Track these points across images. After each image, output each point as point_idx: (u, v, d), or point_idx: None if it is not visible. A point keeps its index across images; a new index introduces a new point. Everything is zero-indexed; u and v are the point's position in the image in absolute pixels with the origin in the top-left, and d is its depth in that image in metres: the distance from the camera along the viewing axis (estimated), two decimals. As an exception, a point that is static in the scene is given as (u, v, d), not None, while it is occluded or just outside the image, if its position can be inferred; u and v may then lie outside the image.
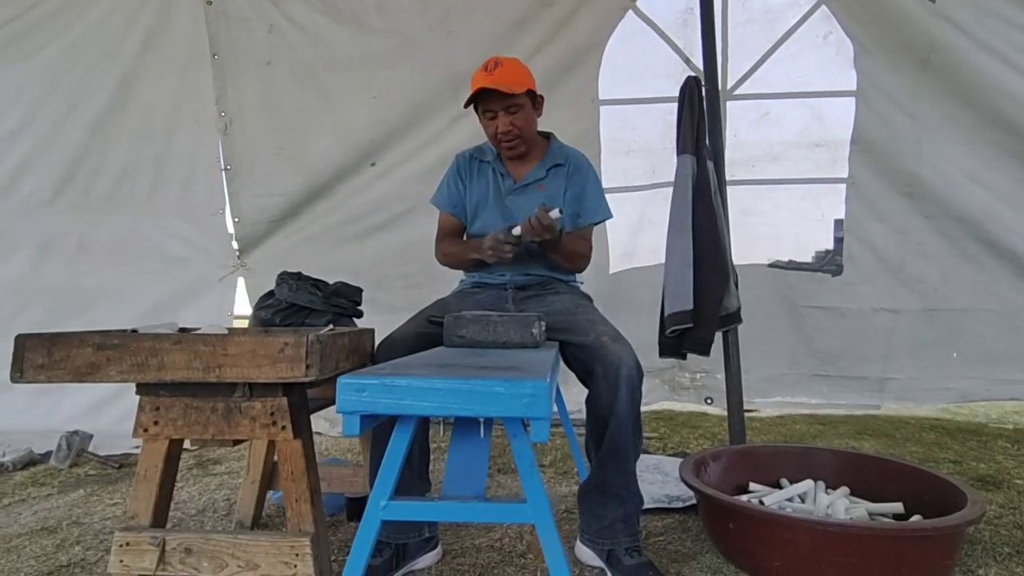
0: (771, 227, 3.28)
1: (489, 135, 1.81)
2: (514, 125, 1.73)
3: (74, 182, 3.20)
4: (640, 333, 2.33)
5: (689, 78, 2.31)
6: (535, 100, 1.79)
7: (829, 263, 3.18)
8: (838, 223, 3.18)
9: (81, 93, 3.16)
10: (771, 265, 3.24)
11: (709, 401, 3.26)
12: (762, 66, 3.17)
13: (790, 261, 3.23)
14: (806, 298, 3.24)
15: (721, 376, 2.60)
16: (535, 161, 1.85)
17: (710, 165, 2.23)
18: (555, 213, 1.61)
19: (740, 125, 3.24)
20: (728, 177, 3.27)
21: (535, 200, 1.74)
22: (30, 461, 2.50)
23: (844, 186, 3.14)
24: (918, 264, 3.13)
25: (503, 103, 1.71)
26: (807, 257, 3.26)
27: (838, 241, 3.18)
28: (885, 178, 3.11)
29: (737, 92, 3.20)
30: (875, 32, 2.99)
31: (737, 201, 3.29)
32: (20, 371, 1.13)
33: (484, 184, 1.86)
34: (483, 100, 1.73)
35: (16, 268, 3.20)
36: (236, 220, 3.18)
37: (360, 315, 1.74)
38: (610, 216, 1.89)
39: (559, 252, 1.75)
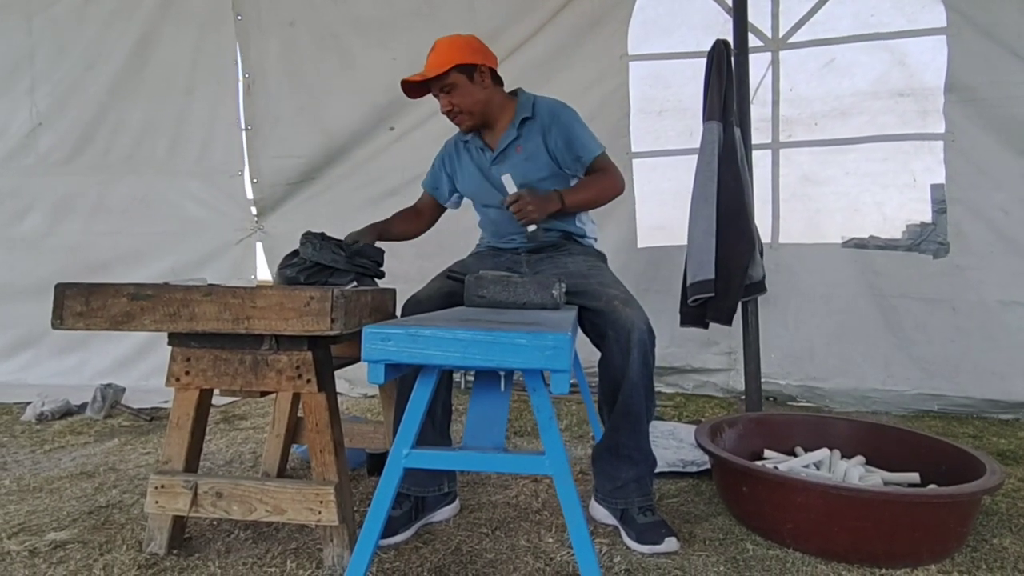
0: (843, 197, 2.65)
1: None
2: (452, 104, 1.75)
3: (93, 141, 3.23)
4: (675, 319, 2.20)
5: (717, 41, 2.25)
6: (473, 73, 1.73)
7: (928, 241, 2.48)
8: (936, 189, 2.49)
9: (97, 51, 3.16)
10: (846, 244, 2.60)
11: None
12: (823, 7, 2.68)
13: (871, 238, 2.56)
14: (899, 286, 2.54)
15: (771, 378, 2.38)
16: (506, 124, 1.82)
17: (737, 132, 2.19)
18: (506, 179, 1.65)
19: (797, 78, 2.73)
20: (784, 138, 2.81)
21: (517, 163, 1.76)
22: (67, 411, 2.62)
23: (941, 143, 2.49)
24: None
25: (436, 85, 1.74)
26: (896, 233, 2.57)
27: (939, 213, 2.47)
28: (996, 133, 2.46)
29: (792, 40, 2.77)
30: None
31: (795, 167, 2.79)
32: (60, 318, 1.18)
33: (468, 162, 1.89)
34: (422, 85, 1.77)
35: (32, 226, 3.24)
36: (255, 181, 3.21)
37: (382, 275, 1.76)
38: (602, 147, 1.81)
39: (583, 202, 1.74)
